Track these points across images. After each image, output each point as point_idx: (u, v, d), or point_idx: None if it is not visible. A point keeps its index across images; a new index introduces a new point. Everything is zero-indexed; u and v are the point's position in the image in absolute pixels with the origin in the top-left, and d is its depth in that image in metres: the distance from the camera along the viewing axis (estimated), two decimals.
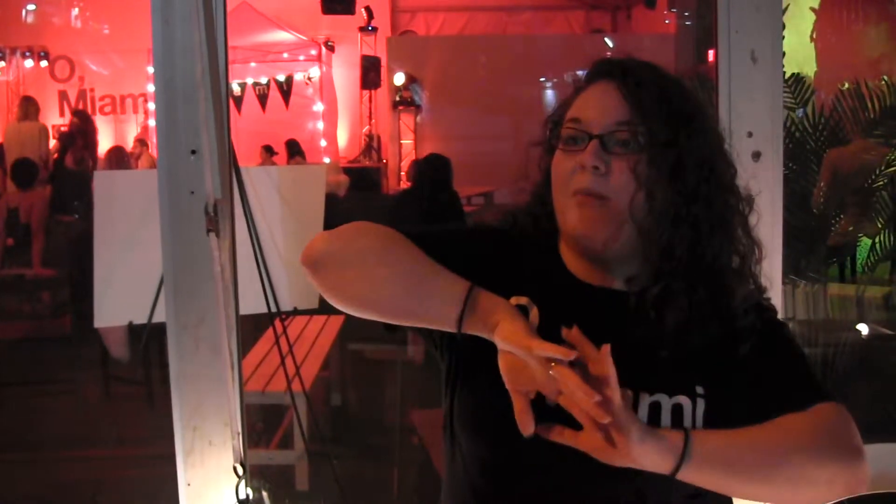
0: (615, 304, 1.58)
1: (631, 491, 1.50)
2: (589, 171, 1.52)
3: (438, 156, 7.88)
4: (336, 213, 8.92)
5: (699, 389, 1.53)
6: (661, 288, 1.53)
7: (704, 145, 1.54)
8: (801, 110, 5.09)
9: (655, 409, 1.51)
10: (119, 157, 10.02)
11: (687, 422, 1.51)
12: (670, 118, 1.51)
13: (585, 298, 1.61)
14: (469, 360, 1.62)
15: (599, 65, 1.61)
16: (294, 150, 13.29)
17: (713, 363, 1.54)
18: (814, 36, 9.77)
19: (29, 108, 12.02)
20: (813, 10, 9.87)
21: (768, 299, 1.66)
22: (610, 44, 14.98)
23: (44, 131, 12.15)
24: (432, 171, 7.72)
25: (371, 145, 16.38)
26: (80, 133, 12.28)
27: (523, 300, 1.57)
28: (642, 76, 1.56)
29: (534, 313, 1.55)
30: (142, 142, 14.00)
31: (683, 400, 1.52)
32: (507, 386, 1.42)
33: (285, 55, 15.43)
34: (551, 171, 1.60)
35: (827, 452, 1.44)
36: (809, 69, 9.14)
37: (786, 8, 2.97)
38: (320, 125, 15.87)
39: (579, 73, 1.67)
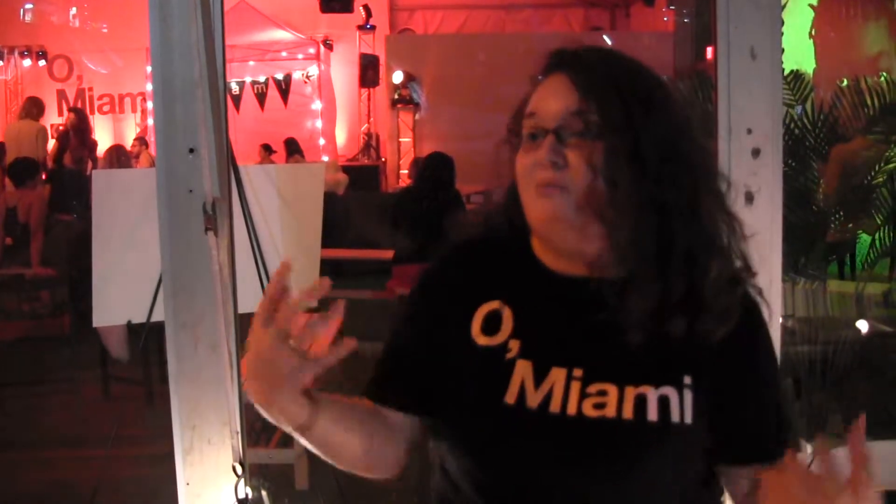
0: (591, 294, 1.54)
1: None
2: (548, 166, 1.49)
3: (441, 154, 7.88)
4: (335, 211, 8.91)
5: (687, 380, 1.50)
6: (629, 275, 1.49)
7: (664, 124, 1.49)
8: (801, 107, 5.07)
9: (641, 401, 1.48)
10: (119, 156, 10.00)
11: (675, 414, 1.48)
12: (623, 100, 1.47)
13: (560, 290, 1.59)
14: (449, 388, 1.61)
15: (552, 56, 1.59)
16: (293, 149, 13.30)
17: (700, 350, 1.51)
18: (813, 32, 9.77)
19: (31, 108, 12.10)
20: (812, 6, 9.87)
21: (754, 283, 1.61)
22: (609, 42, 14.97)
23: (42, 131, 12.20)
24: (434, 169, 7.73)
25: (370, 144, 16.40)
26: (77, 131, 12.30)
27: (495, 304, 1.60)
28: (592, 62, 1.53)
29: (507, 314, 1.58)
30: (141, 140, 14.03)
31: (670, 391, 1.49)
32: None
33: (284, 54, 15.46)
34: (516, 169, 1.58)
35: None
36: (808, 66, 9.14)
37: (785, 4, 2.96)
38: (319, 124, 15.89)
39: None
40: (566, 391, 1.51)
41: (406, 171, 14.44)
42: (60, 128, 13.99)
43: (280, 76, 15.61)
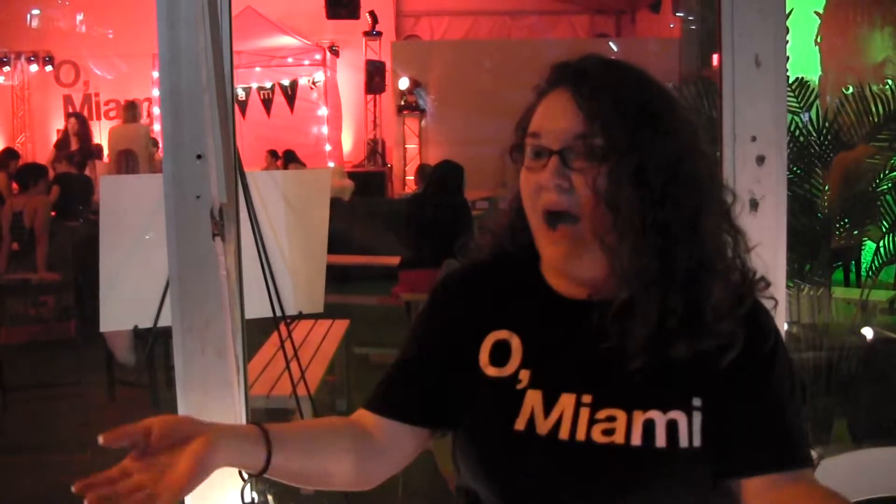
0: (599, 319, 1.53)
1: None
2: (552, 189, 1.49)
3: (451, 162, 7.89)
4: (341, 217, 8.90)
5: (696, 402, 1.49)
6: (628, 299, 1.48)
7: (670, 146, 1.48)
8: (806, 114, 5.07)
9: (649, 427, 1.47)
10: (128, 160, 10.01)
11: (683, 438, 1.47)
12: (629, 122, 1.46)
13: (568, 315, 1.59)
14: (458, 413, 1.61)
15: (556, 70, 1.56)
16: (290, 159, 13.30)
17: (709, 370, 1.50)
18: (818, 40, 9.77)
19: (132, 111, 12.60)
20: (817, 13, 9.87)
21: (767, 294, 1.60)
22: (614, 48, 14.99)
23: (148, 132, 12.74)
24: (443, 176, 7.75)
25: (375, 150, 16.41)
26: (78, 136, 12.39)
27: (503, 334, 1.61)
28: (598, 80, 1.50)
29: (515, 345, 1.59)
30: (154, 142, 14.05)
31: (678, 415, 1.48)
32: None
33: (290, 60, 15.49)
34: (520, 186, 1.57)
35: None
36: (813, 73, 9.14)
37: (790, 12, 2.97)
38: (325, 130, 15.93)
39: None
40: (575, 418, 1.51)
41: (412, 178, 14.43)
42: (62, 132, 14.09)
43: (286, 82, 15.65)
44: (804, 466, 1.51)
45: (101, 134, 14.47)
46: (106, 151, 13.20)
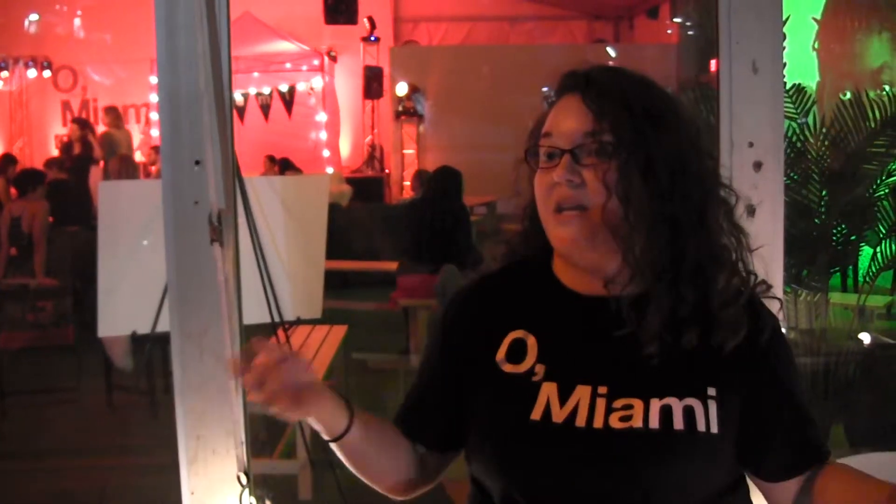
0: (610, 313, 1.58)
1: None
2: (564, 184, 1.55)
3: (449, 168, 7.89)
4: (339, 223, 8.92)
5: (711, 391, 1.54)
6: (641, 292, 1.55)
7: (675, 142, 1.55)
8: (803, 120, 5.08)
9: (667, 412, 1.52)
10: (126, 167, 10.00)
11: (700, 423, 1.51)
12: (634, 120, 1.53)
13: (580, 310, 1.64)
14: (476, 412, 1.66)
15: (565, 78, 1.65)
16: (286, 167, 13.29)
17: (720, 362, 1.55)
18: (815, 45, 9.77)
19: (116, 118, 13.51)
20: (815, 19, 9.87)
21: (769, 292, 1.67)
22: (612, 53, 15.00)
23: (128, 137, 13.52)
24: (442, 182, 7.75)
25: (374, 155, 16.39)
26: (80, 141, 12.37)
27: (519, 333, 1.65)
28: (604, 84, 1.58)
29: (531, 343, 1.63)
30: (157, 149, 14.06)
31: (694, 402, 1.53)
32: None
33: (288, 65, 15.46)
34: (535, 188, 1.63)
35: None
36: (811, 79, 9.15)
37: (787, 18, 2.98)
38: (323, 135, 15.90)
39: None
40: (591, 407, 1.55)
41: (409, 183, 14.42)
42: (65, 139, 14.04)
43: (284, 88, 15.63)
44: (826, 458, 1.59)
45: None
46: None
